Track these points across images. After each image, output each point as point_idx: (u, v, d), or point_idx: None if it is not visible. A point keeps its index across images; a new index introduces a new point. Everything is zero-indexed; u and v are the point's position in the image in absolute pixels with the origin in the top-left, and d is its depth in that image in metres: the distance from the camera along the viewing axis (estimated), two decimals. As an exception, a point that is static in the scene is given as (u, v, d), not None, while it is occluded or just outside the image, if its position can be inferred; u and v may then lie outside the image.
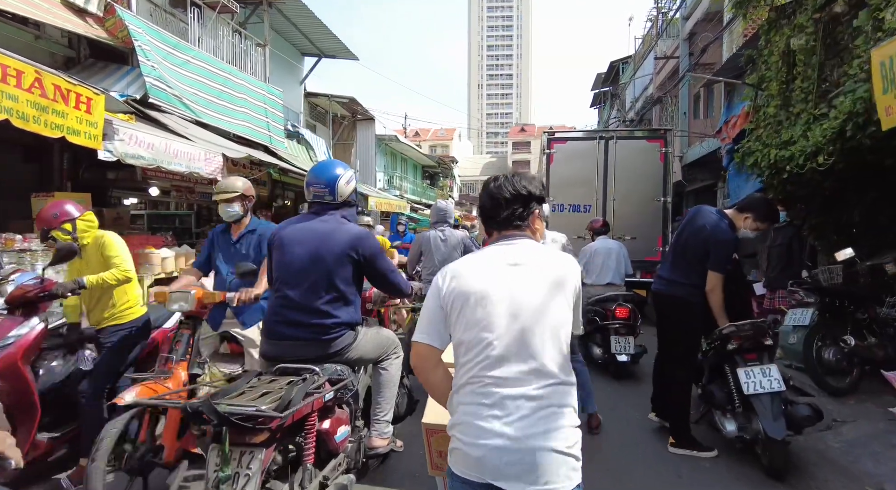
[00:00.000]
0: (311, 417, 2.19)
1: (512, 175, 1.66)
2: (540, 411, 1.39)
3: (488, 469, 1.38)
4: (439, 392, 1.60)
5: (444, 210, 5.09)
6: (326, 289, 2.46)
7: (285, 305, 2.48)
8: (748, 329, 3.09)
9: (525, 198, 1.61)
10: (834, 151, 4.39)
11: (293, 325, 2.45)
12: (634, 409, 4.31)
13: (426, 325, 1.56)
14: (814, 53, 5.22)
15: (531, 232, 1.64)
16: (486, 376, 1.43)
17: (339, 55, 15.08)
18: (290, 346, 2.46)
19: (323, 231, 2.51)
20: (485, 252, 1.62)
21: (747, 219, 3.35)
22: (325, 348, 2.46)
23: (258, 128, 10.49)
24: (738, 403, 3.15)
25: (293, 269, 2.48)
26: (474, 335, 1.47)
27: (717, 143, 10.44)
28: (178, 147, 6.25)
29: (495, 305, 1.47)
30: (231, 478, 1.89)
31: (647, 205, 8.38)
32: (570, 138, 8.77)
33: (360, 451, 2.70)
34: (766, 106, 6.27)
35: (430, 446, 2.20)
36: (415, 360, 1.58)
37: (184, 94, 8.14)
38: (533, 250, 1.58)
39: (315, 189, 2.58)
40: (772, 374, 2.98)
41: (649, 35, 17.03)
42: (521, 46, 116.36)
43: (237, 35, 10.55)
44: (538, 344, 1.44)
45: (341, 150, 17.55)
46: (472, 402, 1.44)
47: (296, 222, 2.62)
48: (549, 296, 1.48)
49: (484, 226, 1.70)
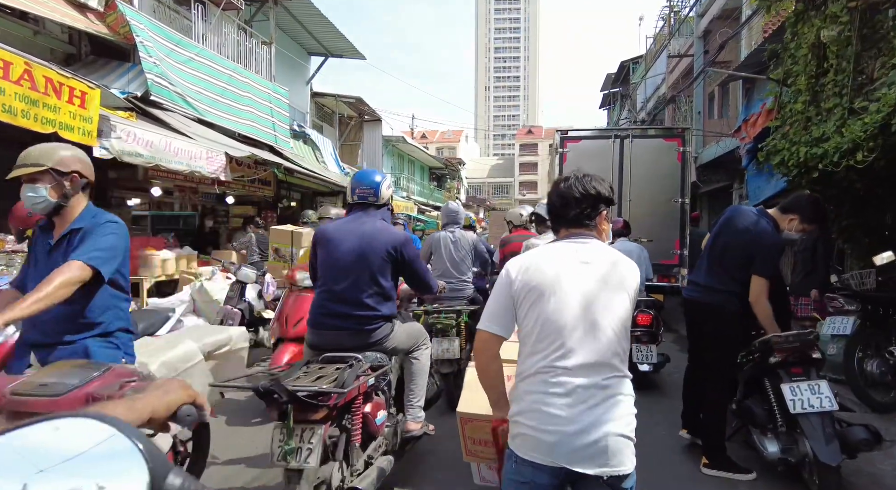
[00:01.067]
0: (357, 400, 2.40)
1: (582, 176, 1.72)
2: (609, 400, 1.51)
3: (563, 453, 1.48)
4: (491, 380, 1.72)
5: (454, 211, 5.05)
6: (370, 284, 2.67)
7: (331, 299, 2.69)
8: (794, 341, 2.80)
9: (594, 198, 1.68)
10: (875, 147, 4.09)
11: (338, 316, 2.66)
12: (660, 425, 4.02)
13: (494, 314, 1.65)
14: (848, 44, 4.91)
15: (598, 232, 1.71)
16: (559, 367, 1.53)
17: (346, 54, 14.88)
18: (335, 335, 2.67)
19: (368, 231, 2.72)
20: (556, 247, 1.70)
21: (793, 220, 3.04)
22: (366, 338, 2.68)
23: (263, 127, 10.29)
24: (781, 422, 2.85)
25: (340, 265, 2.68)
26: (547, 327, 1.56)
27: (734, 144, 10.13)
28: (179, 145, 6.03)
29: (568, 299, 1.56)
30: (295, 451, 2.10)
31: (663, 206, 8.06)
32: (583, 137, 8.48)
33: (396, 434, 2.91)
34: (792, 102, 5.95)
35: (464, 434, 2.26)
36: (479, 345, 1.68)
37: (187, 91, 7.94)
38: (601, 251, 1.66)
39: (361, 190, 2.82)
40: (822, 391, 2.68)
41: (661, 34, 16.71)
42: (528, 48, 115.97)
43: (242, 33, 10.36)
44: (606, 338, 1.54)
45: (348, 151, 17.35)
46: (543, 392, 1.53)
47: (341, 222, 2.85)
48: (616, 294, 1.59)
49: (552, 223, 1.80)
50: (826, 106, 5.14)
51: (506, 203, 46.08)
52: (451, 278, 4.62)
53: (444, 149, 55.60)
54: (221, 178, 6.77)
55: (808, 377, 2.77)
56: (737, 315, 3.04)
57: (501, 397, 1.73)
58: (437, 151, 45.67)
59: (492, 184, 70.22)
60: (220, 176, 6.76)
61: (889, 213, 5.77)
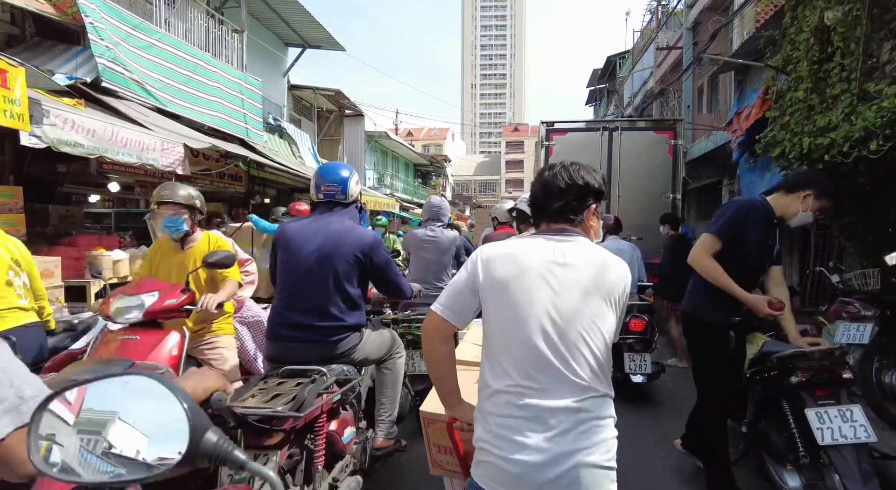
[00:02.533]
0: (320, 419, 2.16)
1: (570, 163, 1.52)
2: (581, 425, 1.33)
3: (526, 485, 1.32)
4: (439, 367, 1.54)
5: (437, 206, 4.43)
6: (334, 291, 2.43)
7: (291, 307, 2.45)
8: (820, 358, 2.38)
9: (581, 189, 1.48)
10: (892, 135, 3.70)
11: (299, 327, 2.42)
12: (657, 444, 3.60)
13: (451, 299, 1.48)
14: (857, 25, 4.53)
15: (585, 229, 1.50)
16: (524, 386, 1.35)
17: (325, 46, 14.27)
18: (296, 347, 2.42)
19: (334, 232, 2.47)
20: (531, 242, 1.47)
21: (807, 197, 2.59)
22: (331, 350, 2.44)
23: (233, 119, 9.72)
24: (804, 452, 2.43)
25: (302, 269, 2.44)
26: (511, 337, 1.38)
27: (724, 139, 9.78)
28: (128, 135, 5.46)
29: (537, 306, 1.37)
30: (246, 480, 1.83)
31: (654, 202, 7.70)
32: (570, 129, 8.07)
33: (365, 452, 2.66)
34: (792, 90, 5.57)
35: (429, 440, 2.05)
36: (427, 326, 1.51)
37: (145, 79, 7.37)
38: (586, 251, 1.44)
39: (327, 187, 2.57)
40: (855, 419, 2.26)
41: (649, 28, 16.37)
42: (514, 46, 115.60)
43: (211, 19, 9.76)
44: (581, 354, 1.36)
45: (328, 147, 16.76)
46: (507, 415, 1.36)
47: (304, 221, 2.58)
48: (597, 303, 1.39)
49: (534, 217, 1.58)
50: (832, 92, 4.76)
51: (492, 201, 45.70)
52: (427, 284, 4.03)
53: (431, 146, 55.04)
54: (179, 171, 6.21)
55: (839, 401, 2.35)
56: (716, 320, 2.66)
57: (452, 391, 1.55)
58: (422, 149, 45.12)
59: (478, 181, 69.89)
60: (178, 169, 6.20)
61: (894, 208, 5.43)
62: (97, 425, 0.72)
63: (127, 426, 0.71)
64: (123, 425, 0.71)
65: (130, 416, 0.72)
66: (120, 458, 0.70)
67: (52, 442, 0.70)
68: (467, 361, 2.36)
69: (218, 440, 0.75)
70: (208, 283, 3.18)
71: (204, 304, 2.82)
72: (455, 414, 1.57)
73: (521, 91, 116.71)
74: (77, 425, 0.72)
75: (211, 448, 0.75)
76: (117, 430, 0.71)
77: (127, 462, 0.70)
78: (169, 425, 0.72)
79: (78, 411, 0.73)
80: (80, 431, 0.72)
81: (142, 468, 0.70)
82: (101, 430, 0.71)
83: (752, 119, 7.34)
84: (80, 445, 0.71)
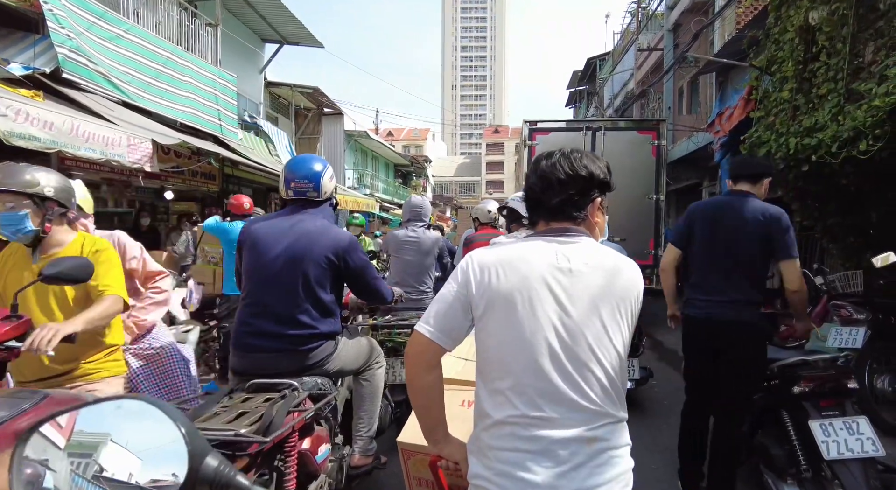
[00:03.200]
0: (291, 438, 1.92)
1: (570, 151, 1.33)
2: (597, 458, 1.17)
3: None
4: (424, 399, 1.32)
5: (418, 206, 4.28)
6: (305, 297, 2.23)
7: (257, 313, 2.24)
8: (825, 366, 2.25)
9: (584, 181, 1.29)
10: (882, 135, 3.64)
11: (266, 335, 2.21)
12: (647, 452, 3.47)
13: (439, 316, 1.26)
14: (843, 25, 4.48)
15: (588, 227, 1.31)
16: (530, 417, 1.17)
17: (303, 42, 13.97)
18: (264, 358, 2.22)
19: (304, 232, 2.26)
20: (530, 246, 1.27)
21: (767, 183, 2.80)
22: (302, 360, 2.24)
23: (207, 116, 9.38)
24: (806, 466, 2.31)
25: (268, 272, 2.24)
26: (512, 356, 1.21)
27: (705, 140, 9.81)
28: (91, 129, 5.15)
29: (542, 321, 1.20)
30: None
31: (637, 203, 7.63)
32: (553, 129, 7.97)
33: (342, 470, 2.46)
34: (777, 90, 5.53)
35: (408, 472, 1.86)
36: (412, 350, 1.29)
37: (111, 71, 7.02)
38: (591, 254, 1.26)
39: (298, 184, 2.35)
40: (861, 431, 2.14)
41: (629, 29, 16.44)
42: (494, 48, 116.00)
43: (184, 12, 9.41)
44: (592, 375, 1.19)
45: (306, 145, 16.41)
46: (512, 449, 1.18)
47: (270, 219, 2.38)
48: (608, 314, 1.22)
49: (530, 213, 1.39)
50: (818, 92, 4.71)
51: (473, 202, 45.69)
52: (408, 287, 3.89)
53: (411, 146, 54.79)
54: (147, 168, 5.90)
55: (844, 412, 2.22)
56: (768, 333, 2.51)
57: (438, 425, 1.33)
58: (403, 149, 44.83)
59: (459, 182, 69.88)
60: (146, 166, 5.90)
61: (876, 211, 5.43)
62: (88, 448, 0.69)
63: (119, 448, 0.69)
64: (115, 447, 0.69)
65: (123, 439, 0.70)
66: (112, 483, 0.68)
67: (45, 467, 0.68)
68: (451, 379, 2.15)
69: (219, 465, 0.73)
70: (80, 303, 2.17)
71: (36, 341, 1.78)
72: (441, 451, 1.35)
73: (502, 93, 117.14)
74: (68, 449, 0.69)
75: (211, 474, 0.72)
76: (109, 452, 0.69)
77: (122, 486, 0.68)
78: (166, 450, 0.70)
79: (69, 435, 0.71)
80: (71, 455, 0.69)
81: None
82: (92, 453, 0.69)
83: (735, 120, 7.32)
84: (71, 470, 0.68)
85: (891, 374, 3.53)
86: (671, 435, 3.24)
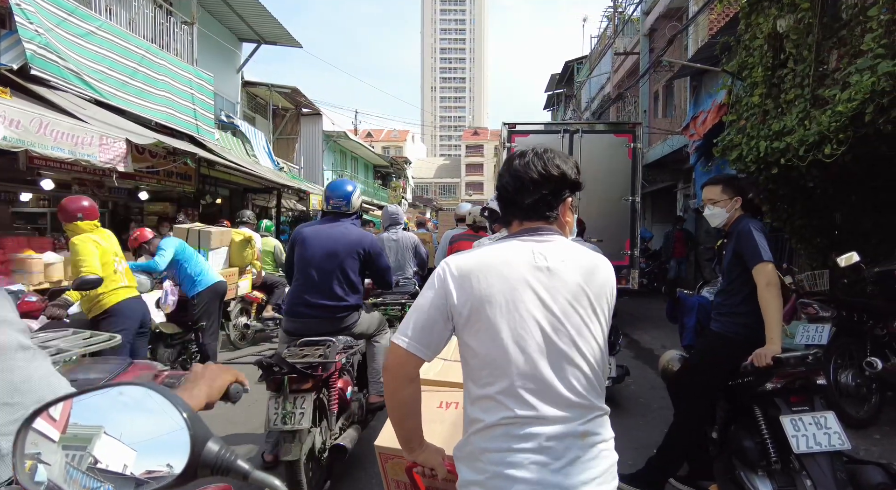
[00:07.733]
0: (333, 376, 2.82)
1: (543, 151, 1.34)
2: (590, 450, 1.20)
3: None
4: (402, 411, 1.32)
5: (395, 213, 5.45)
6: (340, 278, 3.14)
7: (307, 290, 3.13)
8: (796, 364, 2.33)
9: (557, 180, 1.31)
10: (845, 140, 3.78)
11: (311, 306, 3.11)
12: (625, 449, 3.51)
13: (417, 328, 1.24)
14: (809, 33, 4.64)
15: (560, 225, 1.34)
16: (524, 416, 1.18)
17: (281, 42, 13.84)
18: (310, 322, 3.13)
19: (338, 233, 3.20)
20: (506, 247, 1.28)
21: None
22: (337, 324, 3.15)
23: (183, 115, 9.23)
24: (776, 458, 2.39)
25: (315, 261, 3.13)
26: (502, 361, 1.20)
27: (680, 143, 10.02)
28: (61, 128, 5.05)
29: (528, 323, 1.21)
30: (290, 415, 2.47)
31: (613, 204, 7.74)
32: (532, 131, 8.04)
33: (362, 408, 3.34)
34: (748, 95, 5.69)
35: (386, 475, 1.90)
36: (391, 362, 1.28)
37: (83, 69, 6.86)
38: (566, 252, 1.28)
39: (335, 201, 3.29)
40: (829, 426, 2.22)
41: (606, 34, 16.70)
42: (474, 50, 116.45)
43: (158, 9, 9.24)
44: (579, 370, 1.22)
45: (284, 145, 16.26)
46: (507, 449, 1.18)
47: (315, 225, 3.32)
48: (587, 310, 1.25)
49: (503, 213, 1.39)
50: (786, 98, 4.86)
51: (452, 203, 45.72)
52: (395, 276, 4.63)
53: (391, 147, 54.61)
54: (120, 168, 5.80)
55: (813, 408, 2.30)
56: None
57: (415, 435, 1.35)
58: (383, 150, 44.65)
59: (439, 184, 69.94)
60: (119, 166, 5.79)
61: (840, 213, 5.62)
62: (83, 441, 0.69)
63: (114, 440, 0.69)
64: (110, 439, 0.69)
65: (120, 429, 0.69)
66: (108, 474, 0.67)
67: (37, 461, 0.67)
68: (430, 380, 2.18)
69: (220, 450, 0.73)
70: None
71: None
72: (417, 458, 1.36)
73: (481, 95, 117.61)
74: (62, 441, 0.69)
75: (213, 458, 0.72)
76: (103, 444, 0.68)
77: (118, 477, 0.67)
78: (168, 436, 0.70)
79: (64, 427, 0.70)
80: (66, 448, 0.69)
81: (140, 483, 0.68)
82: (87, 445, 0.68)
83: (709, 124, 7.50)
84: (66, 462, 0.68)
85: (853, 370, 3.67)
86: (648, 432, 3.31)
